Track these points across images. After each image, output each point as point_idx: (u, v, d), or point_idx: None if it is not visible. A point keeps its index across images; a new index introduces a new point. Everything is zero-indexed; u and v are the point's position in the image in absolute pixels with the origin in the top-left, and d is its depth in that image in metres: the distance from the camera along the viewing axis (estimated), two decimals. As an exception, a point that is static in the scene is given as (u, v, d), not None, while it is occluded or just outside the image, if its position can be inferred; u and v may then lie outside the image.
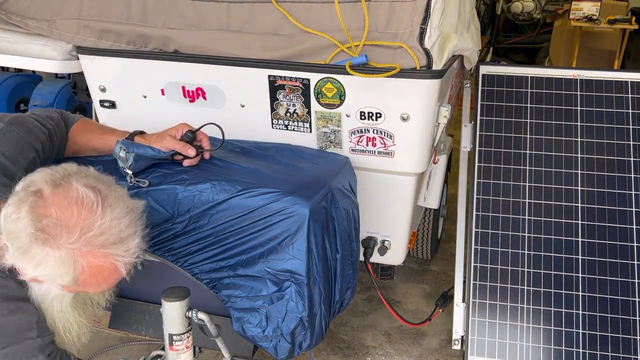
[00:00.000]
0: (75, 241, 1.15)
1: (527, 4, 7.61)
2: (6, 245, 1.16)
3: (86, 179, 1.22)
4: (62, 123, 1.61)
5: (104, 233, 1.17)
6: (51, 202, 1.15)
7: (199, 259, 1.54)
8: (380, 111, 1.85)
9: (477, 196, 2.26)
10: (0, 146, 1.34)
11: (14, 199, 1.16)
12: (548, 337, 2.03)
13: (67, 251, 1.15)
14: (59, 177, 1.20)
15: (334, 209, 1.60)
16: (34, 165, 1.41)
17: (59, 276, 1.18)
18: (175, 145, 1.59)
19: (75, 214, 1.15)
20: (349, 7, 1.73)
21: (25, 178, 1.21)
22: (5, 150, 1.34)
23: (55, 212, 1.14)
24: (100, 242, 1.17)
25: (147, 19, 1.94)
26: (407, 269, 3.13)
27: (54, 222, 1.14)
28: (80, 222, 1.15)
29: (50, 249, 1.14)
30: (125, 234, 1.20)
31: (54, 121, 1.56)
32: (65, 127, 1.63)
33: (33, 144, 1.43)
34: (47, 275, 1.18)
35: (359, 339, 2.57)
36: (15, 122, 1.41)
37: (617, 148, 2.26)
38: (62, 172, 1.21)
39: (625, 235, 2.13)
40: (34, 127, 1.46)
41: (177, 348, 1.42)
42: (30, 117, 1.49)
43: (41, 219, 1.13)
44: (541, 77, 2.42)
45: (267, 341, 1.53)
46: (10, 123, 1.40)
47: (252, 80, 1.90)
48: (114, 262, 1.20)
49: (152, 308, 1.70)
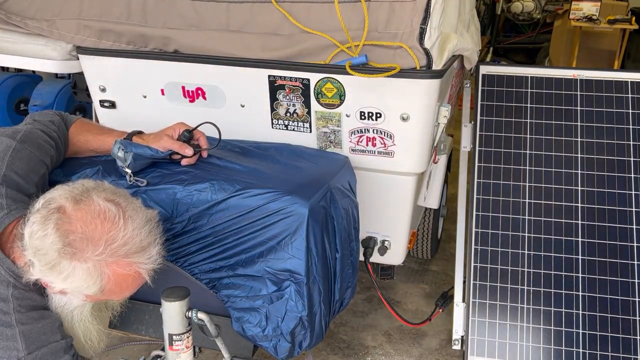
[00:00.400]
0: (101, 253, 1.21)
1: (527, 4, 7.62)
2: (32, 262, 1.21)
3: (104, 192, 1.28)
4: (63, 126, 1.62)
5: (127, 243, 1.23)
6: (75, 217, 1.21)
7: (198, 259, 1.54)
8: (380, 111, 1.85)
9: (477, 196, 2.26)
10: (14, 165, 1.38)
11: (37, 217, 1.21)
12: (548, 337, 2.03)
13: (93, 263, 1.21)
14: (79, 193, 1.25)
15: (333, 208, 1.60)
16: (43, 180, 1.47)
17: (86, 287, 1.23)
18: (173, 145, 1.60)
19: (99, 227, 1.21)
20: (349, 7, 1.73)
21: (44, 195, 1.26)
22: (18, 168, 1.38)
23: (81, 226, 1.20)
24: (124, 251, 1.23)
25: (147, 19, 1.94)
26: (407, 269, 3.13)
27: (80, 236, 1.20)
28: (105, 234, 1.21)
29: (78, 262, 1.20)
30: (146, 242, 1.27)
31: (56, 126, 1.58)
32: (66, 128, 1.64)
33: (44, 160, 1.48)
34: (74, 287, 1.24)
35: (359, 339, 2.57)
36: (27, 140, 1.45)
37: (617, 148, 2.26)
38: (81, 188, 1.27)
39: (625, 235, 2.13)
40: (43, 142, 1.50)
41: (177, 348, 1.42)
42: (38, 129, 1.52)
43: (68, 234, 1.19)
44: (541, 77, 2.41)
45: (267, 341, 1.53)
46: (22, 141, 1.43)
47: (252, 80, 1.90)
48: (137, 270, 1.27)
49: (152, 308, 1.70)
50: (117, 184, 1.56)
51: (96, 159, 1.67)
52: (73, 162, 1.66)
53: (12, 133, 1.44)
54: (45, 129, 1.54)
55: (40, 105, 3.62)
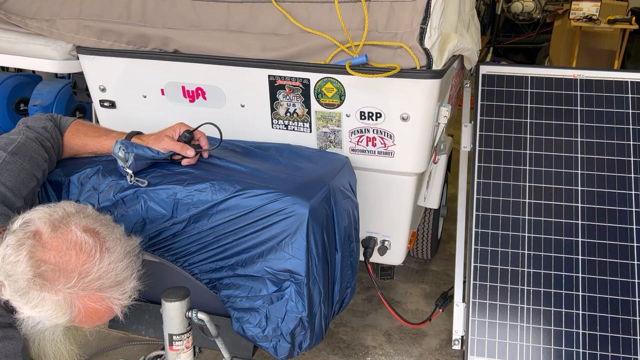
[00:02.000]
0: (72, 286, 1.17)
1: (527, 4, 7.61)
2: (3, 283, 1.17)
3: (85, 220, 1.24)
4: (56, 131, 1.61)
5: (101, 277, 1.20)
6: (50, 245, 1.17)
7: (198, 259, 1.54)
8: (380, 111, 1.85)
9: (477, 196, 2.26)
10: (2, 176, 1.36)
11: (12, 240, 1.17)
12: (548, 337, 2.03)
13: (64, 295, 1.17)
14: (58, 219, 1.21)
15: (333, 209, 1.60)
16: (33, 193, 1.45)
17: (55, 317, 1.20)
18: (174, 146, 1.59)
19: (74, 259, 1.18)
20: (349, 7, 1.73)
21: (23, 215, 1.22)
22: (6, 180, 1.36)
23: (54, 256, 1.17)
24: (98, 286, 1.20)
25: (147, 19, 1.94)
26: (407, 269, 3.13)
27: (52, 267, 1.16)
28: (79, 267, 1.18)
29: (48, 294, 1.16)
30: (122, 277, 1.23)
31: (49, 132, 1.57)
32: (59, 133, 1.63)
33: (35, 173, 1.45)
34: (43, 316, 1.20)
35: (359, 339, 2.57)
36: (19, 152, 1.43)
37: (617, 148, 2.26)
38: (61, 213, 1.23)
39: (625, 235, 2.13)
40: (35, 154, 1.47)
41: (177, 348, 1.42)
42: (32, 140, 1.49)
43: (40, 264, 1.15)
44: (541, 77, 2.41)
45: (266, 341, 1.53)
46: (13, 153, 1.41)
47: (252, 80, 1.90)
48: (109, 305, 1.23)
49: (152, 308, 1.70)
50: (118, 184, 1.56)
51: (96, 158, 1.67)
52: (73, 162, 1.66)
53: (4, 145, 1.42)
54: (39, 137, 1.51)
55: (40, 105, 3.62)
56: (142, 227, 1.56)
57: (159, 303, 1.41)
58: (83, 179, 1.60)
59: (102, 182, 1.58)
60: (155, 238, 1.56)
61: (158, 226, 1.54)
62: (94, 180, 1.59)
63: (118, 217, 1.57)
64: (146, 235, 1.56)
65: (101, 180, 1.58)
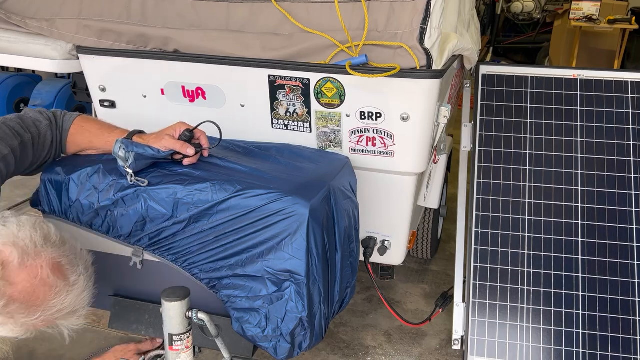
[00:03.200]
0: (35, 319, 1.22)
1: (527, 4, 7.62)
2: None
3: (52, 251, 1.24)
4: (54, 125, 1.61)
5: (62, 310, 1.25)
6: (19, 279, 1.19)
7: (198, 259, 1.54)
8: (380, 111, 1.85)
9: (477, 196, 2.26)
10: None
11: None
12: (548, 337, 2.03)
13: (23, 323, 1.22)
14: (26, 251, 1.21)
15: (334, 209, 1.60)
16: None
17: (7, 336, 1.24)
18: (175, 144, 1.59)
19: (41, 297, 1.21)
20: (349, 7, 1.73)
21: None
22: None
23: (20, 293, 1.19)
24: (57, 316, 1.25)
25: (147, 19, 1.94)
26: (407, 269, 3.13)
27: (19, 305, 1.19)
28: (44, 304, 1.22)
29: (9, 324, 1.20)
30: (80, 306, 1.29)
31: (41, 125, 1.56)
32: (60, 129, 1.63)
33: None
34: None
35: (359, 339, 2.57)
36: None
37: (617, 148, 2.26)
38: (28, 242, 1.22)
39: (625, 235, 2.13)
40: (4, 134, 1.46)
41: (177, 348, 1.42)
42: (10, 122, 1.49)
43: (8, 304, 1.17)
44: (541, 77, 2.42)
45: (266, 341, 1.53)
46: None
47: (252, 80, 1.90)
48: (61, 328, 1.30)
49: (152, 308, 1.70)
50: (118, 183, 1.56)
51: (96, 158, 1.67)
52: (74, 161, 1.66)
53: None
54: (22, 123, 1.51)
55: (40, 104, 3.62)
56: (142, 227, 1.56)
57: (159, 303, 1.41)
58: (83, 178, 1.60)
59: (103, 181, 1.58)
60: (155, 238, 1.56)
61: (158, 226, 1.54)
62: (94, 180, 1.59)
63: (118, 216, 1.57)
64: (146, 235, 1.56)
65: (101, 180, 1.58)
